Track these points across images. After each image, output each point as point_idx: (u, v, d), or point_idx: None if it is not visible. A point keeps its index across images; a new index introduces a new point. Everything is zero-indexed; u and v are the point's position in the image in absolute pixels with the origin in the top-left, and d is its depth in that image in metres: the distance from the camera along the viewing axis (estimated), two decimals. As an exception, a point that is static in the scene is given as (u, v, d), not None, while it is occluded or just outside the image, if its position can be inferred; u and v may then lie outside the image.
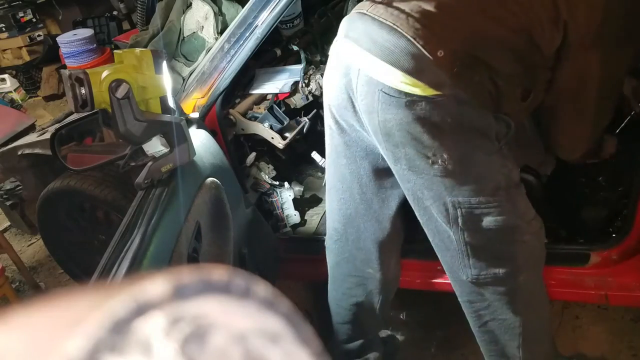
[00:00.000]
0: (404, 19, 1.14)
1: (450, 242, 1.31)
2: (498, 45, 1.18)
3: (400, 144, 1.23)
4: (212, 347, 0.20)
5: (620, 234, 1.49)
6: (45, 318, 0.21)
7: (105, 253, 1.14)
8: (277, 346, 0.22)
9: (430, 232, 1.36)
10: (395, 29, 1.14)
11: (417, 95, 1.15)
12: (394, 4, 1.18)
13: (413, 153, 1.22)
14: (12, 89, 5.02)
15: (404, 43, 1.13)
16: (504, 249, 1.29)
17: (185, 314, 0.20)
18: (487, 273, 1.31)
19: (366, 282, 1.60)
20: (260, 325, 0.22)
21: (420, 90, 1.15)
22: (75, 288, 0.24)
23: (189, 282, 0.21)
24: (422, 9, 1.15)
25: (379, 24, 1.17)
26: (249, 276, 0.22)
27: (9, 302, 2.28)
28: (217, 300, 0.21)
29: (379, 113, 1.21)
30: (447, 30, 1.14)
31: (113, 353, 0.19)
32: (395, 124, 1.20)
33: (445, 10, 1.16)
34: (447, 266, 1.39)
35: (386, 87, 1.18)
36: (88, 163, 1.41)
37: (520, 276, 1.31)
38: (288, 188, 1.99)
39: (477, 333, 1.45)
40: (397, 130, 1.21)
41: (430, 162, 1.21)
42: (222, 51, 1.64)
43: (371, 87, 1.21)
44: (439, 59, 1.12)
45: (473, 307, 1.40)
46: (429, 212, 1.31)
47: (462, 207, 1.24)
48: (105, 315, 0.19)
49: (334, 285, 1.68)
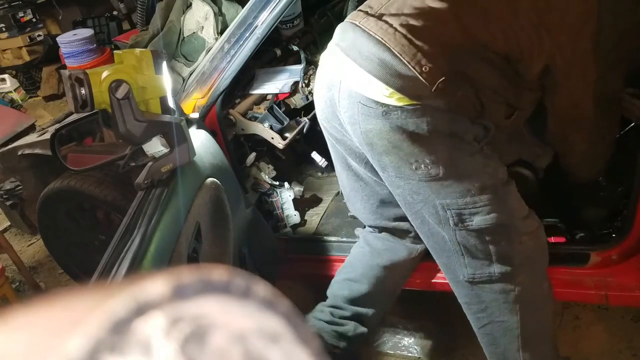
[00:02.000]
0: (392, 34, 1.18)
1: (445, 243, 1.33)
2: (483, 62, 1.20)
3: (384, 152, 1.26)
4: (212, 347, 0.20)
5: (620, 234, 1.49)
6: (45, 318, 0.21)
7: (105, 253, 1.14)
8: (277, 346, 0.22)
9: (425, 235, 1.37)
10: (382, 43, 1.18)
11: (392, 105, 1.19)
12: (384, 18, 1.21)
13: (396, 160, 1.25)
14: (12, 89, 5.02)
15: (389, 57, 1.17)
16: (498, 249, 1.29)
17: (185, 314, 0.20)
18: (482, 272, 1.32)
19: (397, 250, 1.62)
20: (260, 325, 0.22)
21: (395, 101, 1.19)
22: (75, 288, 0.24)
23: (189, 282, 0.21)
24: (410, 25, 1.18)
25: (368, 37, 1.21)
26: (249, 276, 0.22)
27: (9, 302, 2.28)
28: (217, 300, 0.21)
29: (360, 124, 1.26)
30: (432, 46, 1.17)
31: (113, 353, 0.19)
32: (376, 134, 1.24)
33: (431, 27, 1.19)
34: (444, 268, 1.40)
35: (364, 98, 1.22)
36: (88, 163, 1.41)
37: (518, 277, 1.31)
38: (288, 188, 1.99)
39: (478, 334, 1.45)
40: (378, 140, 1.25)
41: (414, 167, 1.24)
42: (222, 51, 1.64)
43: (351, 100, 1.25)
44: (424, 74, 1.15)
45: (471, 309, 1.41)
46: (420, 215, 1.33)
47: (451, 208, 1.26)
48: (105, 315, 0.19)
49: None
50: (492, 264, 1.30)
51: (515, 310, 1.34)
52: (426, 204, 1.28)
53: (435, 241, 1.35)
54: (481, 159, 1.25)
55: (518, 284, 1.32)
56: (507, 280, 1.31)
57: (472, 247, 1.30)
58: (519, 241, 1.29)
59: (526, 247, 1.30)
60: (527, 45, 1.19)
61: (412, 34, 1.17)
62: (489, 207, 1.24)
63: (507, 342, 1.38)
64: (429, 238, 1.36)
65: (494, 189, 1.25)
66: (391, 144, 1.23)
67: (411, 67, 1.15)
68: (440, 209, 1.27)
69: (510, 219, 1.27)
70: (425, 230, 1.35)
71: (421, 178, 1.24)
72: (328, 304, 1.65)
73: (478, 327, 1.42)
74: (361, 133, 1.26)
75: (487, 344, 1.44)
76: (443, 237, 1.31)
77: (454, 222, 1.27)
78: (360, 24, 1.24)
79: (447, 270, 1.39)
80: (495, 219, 1.25)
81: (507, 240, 1.28)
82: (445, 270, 1.41)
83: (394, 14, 1.22)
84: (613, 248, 1.48)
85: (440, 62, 1.16)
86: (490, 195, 1.24)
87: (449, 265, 1.37)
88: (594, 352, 1.68)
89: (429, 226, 1.33)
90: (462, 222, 1.27)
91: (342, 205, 2.03)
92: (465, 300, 1.40)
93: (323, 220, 2.05)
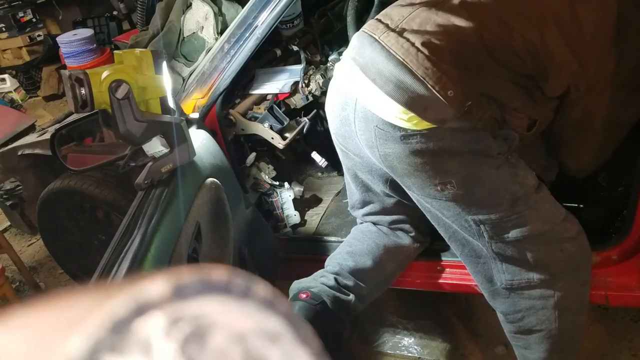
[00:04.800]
0: (414, 55, 1.11)
1: (480, 250, 1.29)
2: (507, 83, 1.15)
3: (405, 175, 1.22)
4: (212, 347, 0.20)
5: (620, 234, 1.48)
6: (45, 318, 0.21)
7: (105, 253, 1.14)
8: (277, 346, 0.22)
9: (458, 244, 1.33)
10: (404, 64, 1.11)
11: (411, 130, 1.14)
12: (405, 35, 1.14)
13: (420, 182, 1.21)
14: (12, 89, 5.02)
15: (410, 80, 1.10)
16: (537, 256, 1.24)
17: (185, 314, 0.20)
18: (522, 278, 1.27)
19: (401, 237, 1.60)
20: (260, 325, 0.22)
21: (414, 125, 1.13)
22: (75, 288, 0.24)
23: (189, 282, 0.21)
24: (433, 44, 1.11)
25: (388, 55, 1.13)
26: (249, 276, 0.22)
27: (9, 302, 2.28)
28: (217, 300, 0.21)
29: (379, 148, 1.21)
30: (458, 68, 1.11)
31: (113, 353, 0.19)
32: (395, 158, 1.19)
33: (456, 48, 1.13)
34: (480, 276, 1.36)
35: (381, 121, 1.16)
36: (88, 163, 1.41)
37: (558, 283, 1.27)
38: (288, 188, 1.99)
39: (511, 338, 1.42)
40: (398, 163, 1.20)
41: (439, 188, 1.19)
42: (222, 51, 1.64)
43: (368, 123, 1.20)
44: (450, 99, 1.09)
45: (508, 317, 1.37)
46: (452, 228, 1.29)
47: (484, 223, 1.22)
48: (105, 315, 0.19)
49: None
50: (531, 270, 1.26)
51: (553, 317, 1.29)
52: (457, 219, 1.25)
53: (470, 249, 1.31)
54: (508, 170, 1.20)
55: (558, 289, 1.27)
56: (547, 286, 1.27)
57: (510, 256, 1.25)
58: (559, 248, 1.24)
59: (568, 254, 1.25)
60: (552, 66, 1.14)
61: (436, 55, 1.10)
62: (524, 217, 1.20)
63: (542, 348, 1.35)
64: (463, 247, 1.33)
65: (526, 198, 1.20)
66: (412, 167, 1.19)
67: (436, 91, 1.09)
68: (472, 224, 1.23)
69: (547, 225, 1.22)
70: (458, 240, 1.31)
71: (448, 198, 1.20)
72: (332, 270, 1.59)
73: (513, 332, 1.38)
74: (380, 156, 1.22)
75: (520, 347, 1.40)
76: (478, 246, 1.28)
77: (488, 235, 1.23)
78: (381, 39, 1.16)
79: (483, 279, 1.35)
80: (532, 229, 1.21)
81: (547, 246, 1.24)
82: (481, 280, 1.36)
83: (416, 30, 1.14)
84: (613, 248, 1.48)
85: (466, 85, 1.10)
86: (523, 205, 1.20)
87: (485, 273, 1.33)
88: (594, 352, 1.68)
89: (462, 236, 1.29)
90: (497, 235, 1.23)
91: (342, 205, 2.03)
92: (502, 308, 1.36)
93: (323, 220, 2.05)
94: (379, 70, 1.15)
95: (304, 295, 1.50)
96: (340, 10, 2.28)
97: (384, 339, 1.91)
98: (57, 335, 0.19)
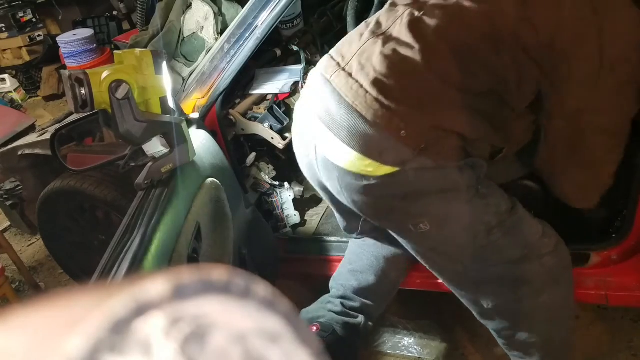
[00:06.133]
0: (363, 97, 1.07)
1: (460, 276, 1.29)
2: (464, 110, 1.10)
3: (377, 219, 1.23)
4: (212, 347, 0.20)
5: (620, 234, 1.48)
6: (45, 318, 0.21)
7: (105, 253, 1.14)
8: (277, 346, 0.22)
9: (437, 272, 1.34)
10: (353, 109, 1.08)
11: (372, 177, 1.10)
12: (353, 76, 1.11)
13: (393, 224, 1.22)
14: (12, 89, 5.02)
15: (362, 125, 1.07)
16: (518, 276, 1.24)
17: (185, 314, 0.20)
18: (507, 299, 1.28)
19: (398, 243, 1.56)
20: (260, 325, 0.22)
21: (375, 170, 1.09)
22: (75, 288, 0.24)
23: (189, 282, 0.21)
24: (381, 83, 1.07)
25: (338, 99, 1.11)
26: (249, 276, 0.22)
27: (9, 302, 2.28)
28: (217, 300, 0.21)
29: (345, 194, 1.19)
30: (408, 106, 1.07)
31: (113, 353, 0.19)
32: (363, 204, 1.18)
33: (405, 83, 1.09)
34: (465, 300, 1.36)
35: (342, 172, 1.13)
36: (88, 163, 1.42)
37: (542, 296, 1.27)
38: (288, 188, 1.99)
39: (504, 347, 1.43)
40: (367, 209, 1.20)
41: (412, 228, 1.18)
42: (222, 51, 1.64)
43: (330, 172, 1.18)
44: (404, 139, 1.05)
45: (500, 334, 1.38)
46: (431, 258, 1.29)
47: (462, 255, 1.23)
48: (105, 315, 0.19)
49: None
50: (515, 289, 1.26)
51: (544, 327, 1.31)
52: (434, 251, 1.25)
53: (450, 276, 1.32)
54: (480, 202, 1.17)
55: (543, 302, 1.27)
56: (533, 300, 1.27)
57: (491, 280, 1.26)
58: (539, 263, 1.23)
59: (547, 267, 1.24)
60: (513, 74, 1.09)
61: (384, 95, 1.06)
62: (500, 245, 1.20)
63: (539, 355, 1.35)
64: (443, 275, 1.33)
65: (501, 225, 1.18)
66: (383, 213, 1.19)
67: (388, 134, 1.05)
68: (451, 254, 1.24)
69: (525, 246, 1.22)
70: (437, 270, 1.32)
71: (423, 235, 1.18)
72: (337, 294, 1.59)
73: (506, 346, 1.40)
74: (349, 202, 1.21)
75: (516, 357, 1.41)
76: (458, 273, 1.28)
77: (469, 262, 1.24)
78: (332, 80, 1.13)
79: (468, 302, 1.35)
80: (510, 255, 1.21)
81: (528, 265, 1.23)
82: (466, 302, 1.37)
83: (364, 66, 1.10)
84: (613, 248, 1.48)
85: (420, 122, 1.06)
86: (499, 233, 1.18)
87: (468, 297, 1.33)
88: (593, 352, 1.68)
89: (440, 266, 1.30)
90: (476, 263, 1.23)
91: (342, 205, 2.03)
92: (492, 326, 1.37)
93: (323, 220, 2.05)
94: (331, 116, 1.12)
95: (314, 328, 1.52)
96: (340, 10, 2.28)
97: (384, 339, 1.91)
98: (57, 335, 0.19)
